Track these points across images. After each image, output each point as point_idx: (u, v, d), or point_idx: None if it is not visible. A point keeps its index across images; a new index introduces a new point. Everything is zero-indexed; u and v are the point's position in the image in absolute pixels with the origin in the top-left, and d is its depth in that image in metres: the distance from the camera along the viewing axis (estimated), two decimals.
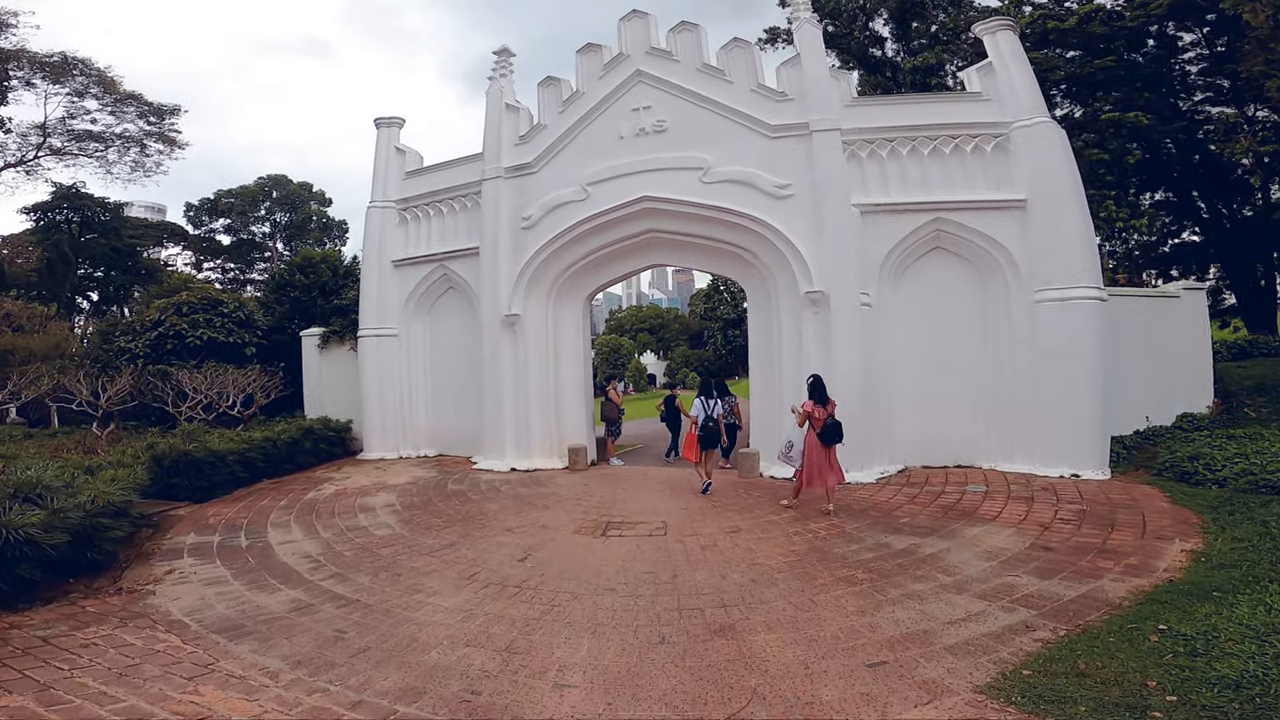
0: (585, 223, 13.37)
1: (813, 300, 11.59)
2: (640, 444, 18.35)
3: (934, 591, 6.45)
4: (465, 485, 12.45)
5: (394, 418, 16.09)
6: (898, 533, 8.39)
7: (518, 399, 13.91)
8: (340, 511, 10.79)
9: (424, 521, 9.96)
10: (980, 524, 8.60)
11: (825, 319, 11.56)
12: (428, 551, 8.49)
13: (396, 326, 16.15)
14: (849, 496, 10.21)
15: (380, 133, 17.14)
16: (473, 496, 11.47)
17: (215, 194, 50.82)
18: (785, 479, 11.56)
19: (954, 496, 9.99)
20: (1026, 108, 11.95)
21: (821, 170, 11.88)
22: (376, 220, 16.54)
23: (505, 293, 13.96)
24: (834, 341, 11.40)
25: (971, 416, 11.91)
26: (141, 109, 33.66)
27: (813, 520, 9.05)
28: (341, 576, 7.75)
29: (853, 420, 11.24)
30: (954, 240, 12.03)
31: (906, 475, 11.45)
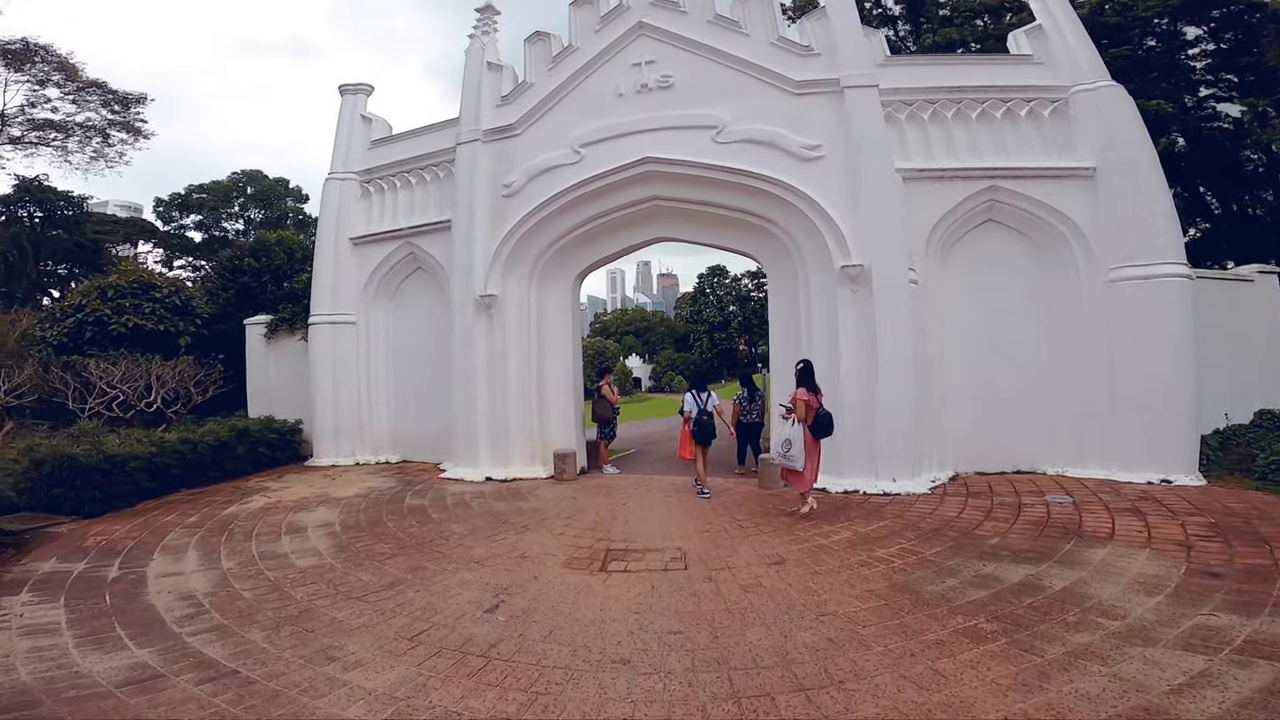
0: (577, 188, 10.97)
1: (850, 276, 9.34)
2: (634, 448, 15.85)
3: (1110, 645, 4.30)
4: (428, 499, 9.85)
5: (349, 418, 13.37)
6: (998, 559, 6.10)
7: (493, 396, 11.37)
8: (261, 533, 8.13)
9: (366, 548, 7.34)
10: (1098, 544, 6.39)
11: (866, 299, 9.32)
12: (361, 594, 5.89)
13: (354, 313, 13.47)
14: (907, 512, 7.97)
15: (344, 99, 14.58)
16: (435, 514, 8.89)
17: (186, 189, 47.71)
18: (818, 490, 9.23)
19: (1038, 510, 7.73)
20: (1086, 71, 10.04)
21: (858, 130, 9.72)
22: (334, 193, 13.94)
23: (480, 270, 11.45)
24: (878, 325, 9.15)
25: (1033, 414, 9.78)
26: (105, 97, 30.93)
27: (877, 544, 6.69)
28: (224, 630, 5.14)
29: (902, 419, 9.12)
30: (1010, 212, 9.95)
31: (963, 484, 9.22)
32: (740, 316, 74.18)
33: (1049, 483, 9.15)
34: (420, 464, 13.08)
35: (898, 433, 9.12)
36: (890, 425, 9.12)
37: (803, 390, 7.90)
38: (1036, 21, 10.62)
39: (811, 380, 8.01)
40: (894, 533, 7.16)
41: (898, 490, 8.92)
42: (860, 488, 9.14)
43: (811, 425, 7.75)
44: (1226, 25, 18.26)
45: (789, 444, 7.78)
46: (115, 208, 69.43)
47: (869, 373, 9.24)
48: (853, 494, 9.11)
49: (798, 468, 7.75)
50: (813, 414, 7.77)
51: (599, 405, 12.14)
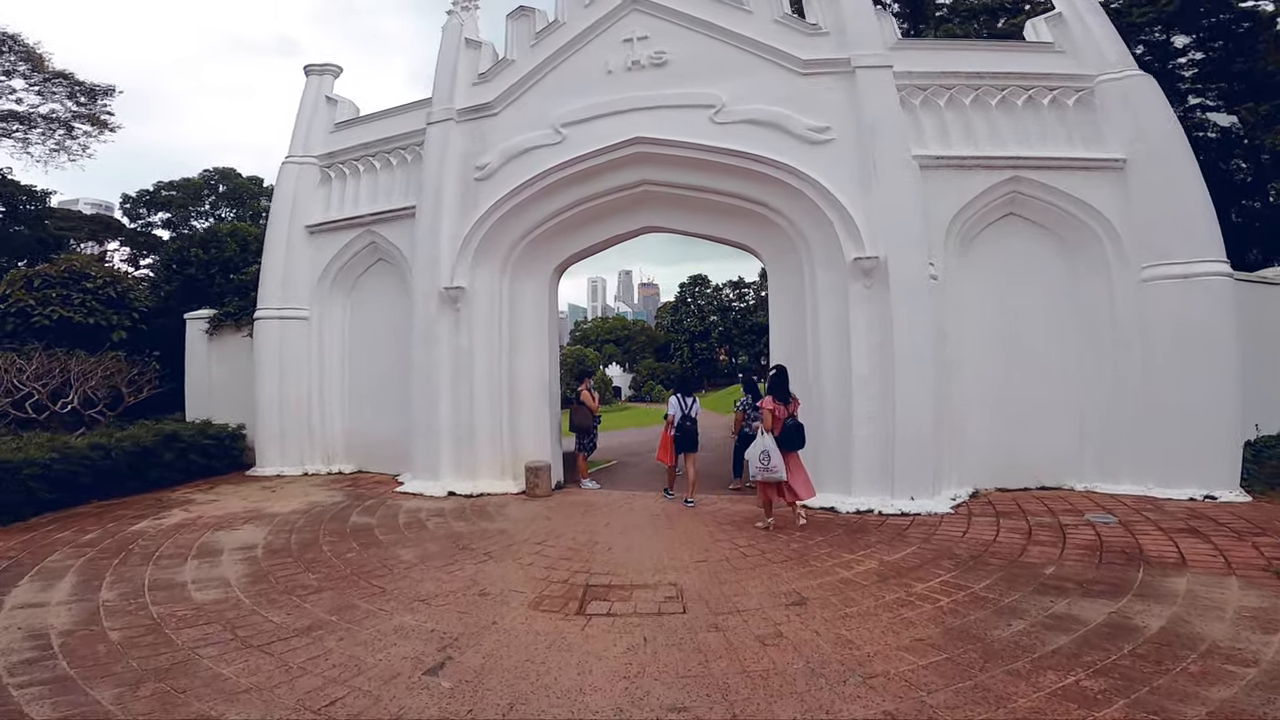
0: (558, 170, 9.75)
1: (863, 270, 8.26)
2: (615, 459, 14.52)
3: (1260, 699, 3.35)
4: (377, 517, 8.41)
5: (297, 422, 11.85)
6: (1064, 594, 4.98)
7: (457, 400, 10.00)
8: (165, 555, 6.64)
9: (287, 579, 5.90)
10: (1172, 572, 5.36)
11: (881, 296, 8.25)
12: (265, 641, 4.50)
13: (307, 307, 12.01)
14: (934, 535, 6.82)
15: (309, 80, 13.25)
16: (382, 536, 7.46)
17: (155, 185, 45.70)
18: (825, 509, 8.14)
19: (1084, 532, 6.64)
20: (1112, 60, 9.23)
21: (872, 111, 8.72)
22: (290, 178, 12.55)
23: (447, 259, 10.13)
24: (894, 325, 8.07)
25: (1060, 424, 8.78)
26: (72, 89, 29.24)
27: (912, 576, 5.49)
28: (65, 685, 3.74)
29: (922, 431, 8.02)
30: (1033, 205, 9.00)
31: (988, 502, 8.13)
32: (721, 326, 73.81)
33: (1081, 500, 8.13)
34: (377, 475, 11.61)
35: (917, 445, 8.02)
36: (909, 437, 8.02)
37: (769, 399, 7.31)
38: (1055, 10, 9.89)
39: (783, 389, 7.41)
40: (927, 561, 5.99)
41: (917, 510, 7.80)
42: (875, 507, 8.00)
43: (779, 437, 7.17)
44: (1216, 34, 18.06)
45: (767, 456, 7.16)
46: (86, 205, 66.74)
47: (884, 379, 8.15)
48: (866, 514, 7.95)
49: (781, 478, 7.17)
50: (779, 425, 7.19)
51: (578, 413, 10.87)
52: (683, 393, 9.64)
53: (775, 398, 7.31)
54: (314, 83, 13.28)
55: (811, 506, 8.36)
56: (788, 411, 7.31)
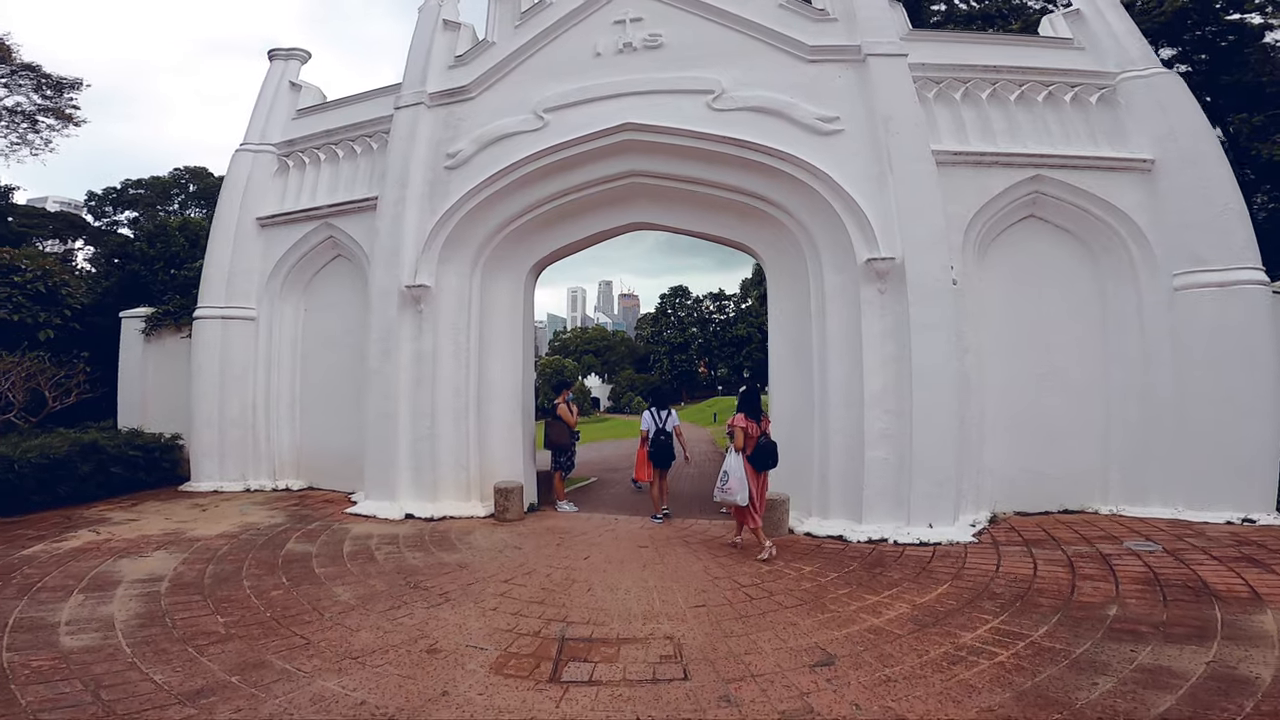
0: (538, 158, 8.83)
1: (878, 272, 7.48)
2: (594, 476, 13.47)
3: None
4: (318, 544, 7.27)
5: (240, 433, 10.64)
6: (1140, 639, 4.20)
7: (418, 411, 8.93)
8: (48, 587, 5.45)
9: (189, 623, 4.78)
10: (1253, 609, 4.65)
11: (897, 301, 7.47)
12: (130, 710, 3.40)
13: (254, 306, 10.85)
14: (963, 569, 5.91)
15: (273, 65, 12.24)
16: (321, 569, 6.34)
17: (122, 183, 44.07)
18: (833, 538, 7.28)
19: (1131, 563, 5.86)
20: (1135, 57, 8.76)
21: (886, 101, 8.00)
22: (243, 166, 11.46)
23: (410, 254, 9.10)
24: (913, 334, 7.28)
25: (1083, 442, 8.08)
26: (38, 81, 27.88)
27: (953, 622, 4.56)
28: None
29: (943, 452, 7.22)
30: (1056, 206, 8.34)
31: (1011, 528, 7.35)
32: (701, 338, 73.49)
33: (1110, 524, 7.44)
34: (328, 493, 10.43)
35: (938, 469, 7.20)
36: (928, 459, 7.19)
37: (740, 416, 6.95)
38: (1073, 6, 9.44)
39: (754, 406, 7.06)
40: (966, 603, 5.10)
41: (937, 539, 6.94)
42: (889, 536, 7.14)
43: (751, 455, 6.83)
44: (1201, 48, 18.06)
45: (726, 476, 6.80)
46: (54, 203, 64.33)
47: (901, 394, 7.34)
48: (880, 544, 7.08)
49: (737, 501, 6.77)
50: (753, 444, 6.85)
51: (554, 429, 9.82)
52: (657, 406, 9.20)
53: (747, 415, 6.92)
54: (278, 68, 12.29)
55: (818, 535, 7.50)
56: (760, 429, 6.92)
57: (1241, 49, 17.26)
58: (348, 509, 9.15)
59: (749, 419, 6.89)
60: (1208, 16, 17.32)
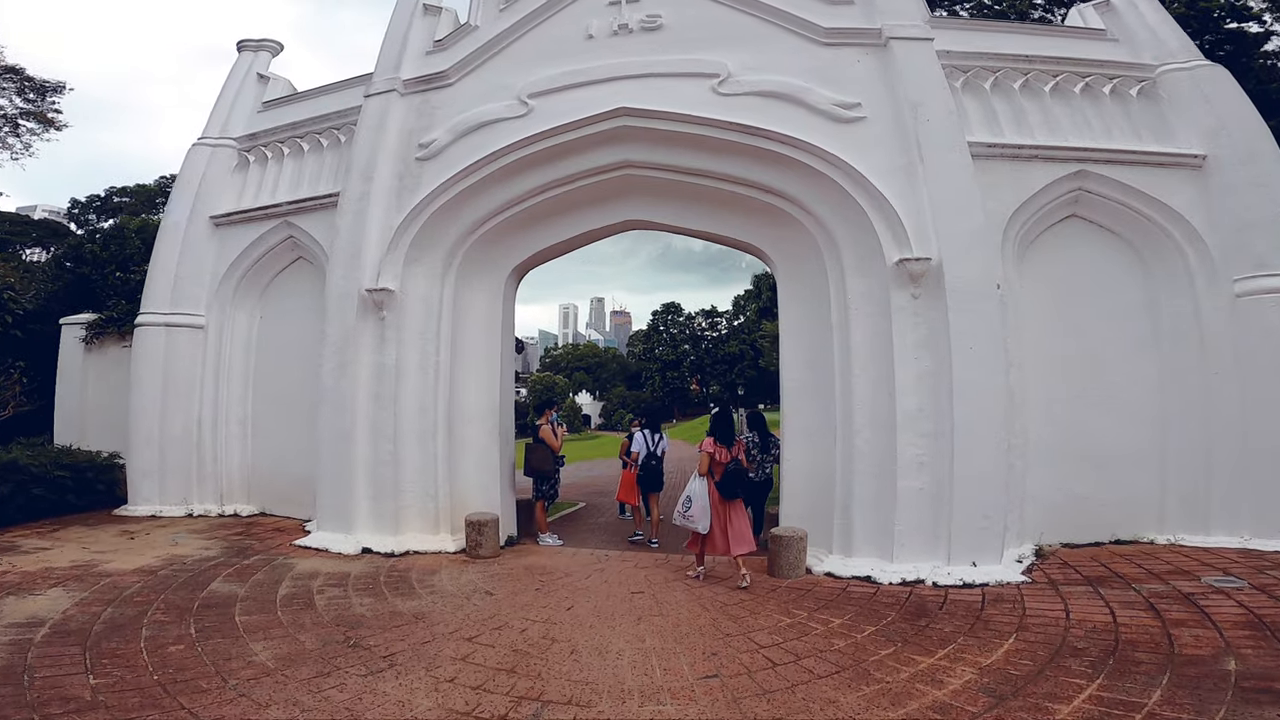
0: (522, 146, 7.79)
1: (911, 275, 6.47)
2: (582, 500, 12.36)
3: None
4: (249, 584, 6.06)
5: (184, 452, 9.44)
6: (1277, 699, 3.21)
7: (379, 432, 7.76)
8: None
9: (49, 684, 3.49)
10: None
11: (934, 308, 6.46)
12: None
13: (204, 313, 9.68)
14: (1026, 617, 4.85)
15: (241, 56, 11.24)
16: (244, 617, 5.11)
17: (107, 191, 42.87)
18: (860, 579, 6.21)
19: (1219, 603, 4.92)
20: (1174, 49, 8.00)
21: (913, 88, 7.07)
22: (199, 162, 10.36)
23: (373, 254, 7.99)
24: (953, 346, 6.24)
25: (1137, 465, 7.13)
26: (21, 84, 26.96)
27: (1040, 689, 3.36)
28: None
29: (989, 480, 6.26)
30: (1101, 205, 7.43)
31: (1064, 563, 6.34)
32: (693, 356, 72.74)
33: (1174, 555, 6.48)
34: (280, 520, 9.17)
35: (983, 499, 6.13)
36: (972, 488, 6.13)
37: (709, 440, 6.58)
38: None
39: (726, 430, 6.67)
40: (1045, 663, 4.00)
41: (983, 579, 5.88)
42: (926, 576, 6.05)
43: (719, 482, 6.44)
44: None
45: (688, 502, 6.43)
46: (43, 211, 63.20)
47: (939, 415, 6.29)
48: (917, 585, 5.99)
49: (698, 529, 6.38)
50: (720, 469, 6.44)
51: (535, 453, 8.57)
52: (650, 428, 8.75)
53: (717, 439, 6.52)
54: (245, 59, 11.30)
55: (842, 576, 6.42)
56: (730, 455, 6.48)
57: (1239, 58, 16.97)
58: (297, 540, 7.96)
59: (718, 443, 6.50)
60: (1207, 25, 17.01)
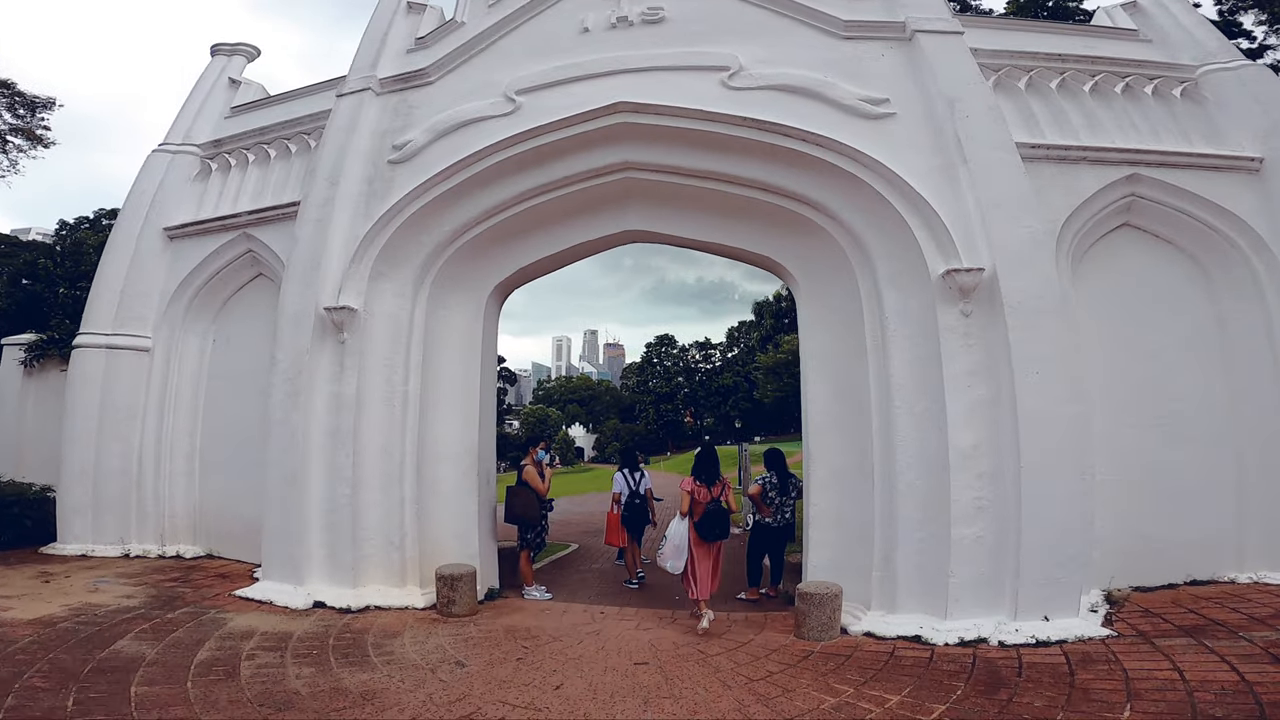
0: (508, 146, 6.80)
1: (962, 289, 5.47)
2: (574, 541, 11.22)
3: None
4: (164, 644, 4.90)
5: (122, 487, 8.28)
6: None
7: (336, 473, 6.57)
8: None
9: None
10: None
11: (990, 326, 5.47)
12: None
13: (150, 334, 8.55)
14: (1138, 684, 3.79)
15: (213, 60, 10.29)
16: (140, 688, 3.90)
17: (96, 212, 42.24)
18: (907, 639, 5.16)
19: None
20: (1213, 49, 7.34)
21: (948, 82, 6.20)
22: (156, 169, 9.29)
23: (335, 267, 6.89)
24: (1016, 370, 5.23)
25: (1211, 499, 6.22)
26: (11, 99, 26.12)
27: None
28: None
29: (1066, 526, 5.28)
30: (1156, 213, 6.56)
31: (1145, 610, 5.42)
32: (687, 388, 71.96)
33: (1264, 595, 5.72)
34: (229, 564, 7.94)
35: (1058, 546, 5.14)
36: (1044, 534, 5.12)
37: (689, 480, 6.30)
38: None
39: (709, 469, 6.29)
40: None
41: (1059, 635, 4.87)
42: (988, 635, 4.99)
43: (697, 523, 6.10)
44: None
45: (664, 541, 6.23)
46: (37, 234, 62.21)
47: (1000, 452, 5.26)
48: (977, 645, 4.95)
49: (669, 569, 6.16)
50: (700, 510, 6.10)
51: (518, 497, 7.29)
52: (629, 467, 8.45)
53: (698, 478, 6.19)
54: (218, 64, 10.34)
55: (885, 636, 5.32)
56: (711, 495, 6.12)
57: None
58: (240, 590, 6.74)
59: (699, 483, 6.14)
60: None
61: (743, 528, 13.66)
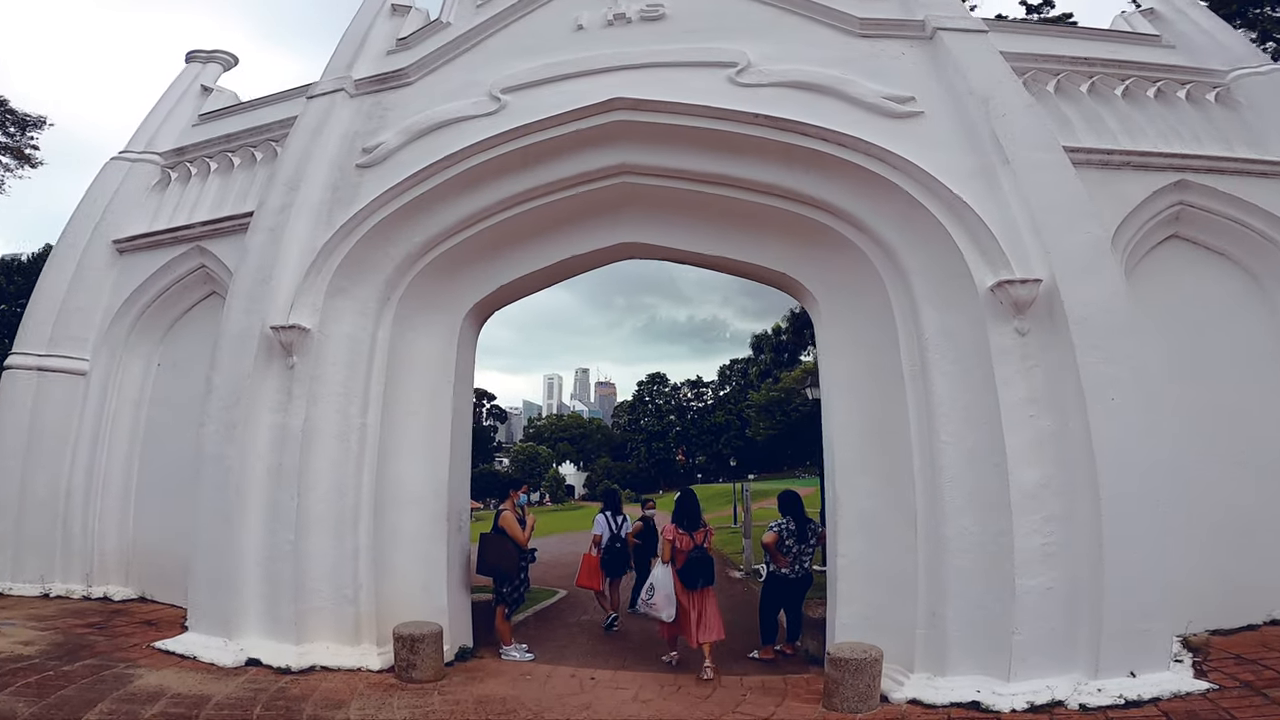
0: (491, 146, 5.98)
1: (1016, 303, 4.66)
2: (562, 590, 10.20)
3: None
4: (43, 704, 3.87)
5: (47, 521, 7.21)
6: None
7: (277, 517, 5.55)
8: None
9: None
10: None
11: (1054, 347, 4.68)
12: None
13: (89, 356, 7.54)
14: None
15: (187, 68, 9.51)
16: None
17: None
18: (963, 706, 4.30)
19: None
20: (1242, 54, 6.93)
21: (978, 80, 5.55)
22: (112, 178, 8.33)
23: (288, 281, 5.95)
24: (1088, 395, 4.43)
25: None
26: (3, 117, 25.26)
27: None
28: None
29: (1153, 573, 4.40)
30: (1206, 223, 5.88)
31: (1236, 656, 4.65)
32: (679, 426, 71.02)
33: None
34: (159, 609, 6.84)
35: (1144, 592, 4.36)
36: (1129, 583, 4.33)
37: (670, 527, 6.14)
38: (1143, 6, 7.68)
39: (690, 514, 6.17)
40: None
41: (1152, 692, 4.08)
42: (1065, 696, 4.19)
43: (680, 570, 5.95)
44: None
45: (651, 590, 6.03)
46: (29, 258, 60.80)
47: (1072, 491, 4.44)
48: (1053, 709, 4.16)
49: (662, 618, 5.92)
50: (683, 557, 5.96)
51: (492, 547, 6.20)
52: (611, 510, 8.17)
53: (680, 525, 6.06)
54: (191, 71, 9.47)
55: (935, 704, 4.32)
56: (694, 542, 5.98)
57: None
58: (163, 640, 5.63)
59: (680, 530, 5.99)
60: None
61: (744, 570, 12.66)
